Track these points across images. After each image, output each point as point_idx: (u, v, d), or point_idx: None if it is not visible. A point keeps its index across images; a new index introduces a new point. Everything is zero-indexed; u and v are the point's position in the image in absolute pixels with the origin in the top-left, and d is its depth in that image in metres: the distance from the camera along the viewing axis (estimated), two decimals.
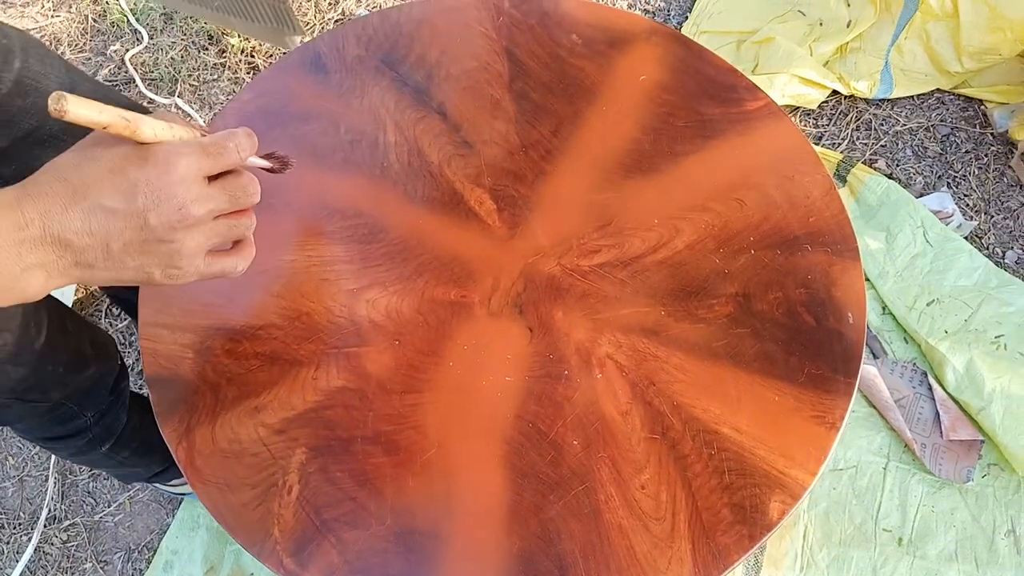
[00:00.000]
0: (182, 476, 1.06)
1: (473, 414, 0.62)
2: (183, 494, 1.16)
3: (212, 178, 0.49)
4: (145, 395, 1.02)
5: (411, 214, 0.70)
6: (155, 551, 1.15)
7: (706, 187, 0.71)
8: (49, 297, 0.71)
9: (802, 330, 0.65)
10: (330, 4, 1.64)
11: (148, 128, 0.46)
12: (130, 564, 1.16)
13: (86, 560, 1.24)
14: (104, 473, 1.26)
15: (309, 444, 0.60)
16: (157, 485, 1.15)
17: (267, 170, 0.56)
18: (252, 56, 1.57)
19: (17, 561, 1.25)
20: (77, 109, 0.42)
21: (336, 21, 1.62)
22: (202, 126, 0.55)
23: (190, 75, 1.57)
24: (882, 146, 1.42)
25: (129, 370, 1.06)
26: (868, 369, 1.23)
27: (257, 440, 0.60)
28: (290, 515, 0.58)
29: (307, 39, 1.35)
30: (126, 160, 0.46)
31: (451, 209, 0.71)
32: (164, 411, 0.61)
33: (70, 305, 1.28)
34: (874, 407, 1.22)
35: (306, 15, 1.62)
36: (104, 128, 0.44)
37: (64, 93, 0.42)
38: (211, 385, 0.62)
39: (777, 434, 0.61)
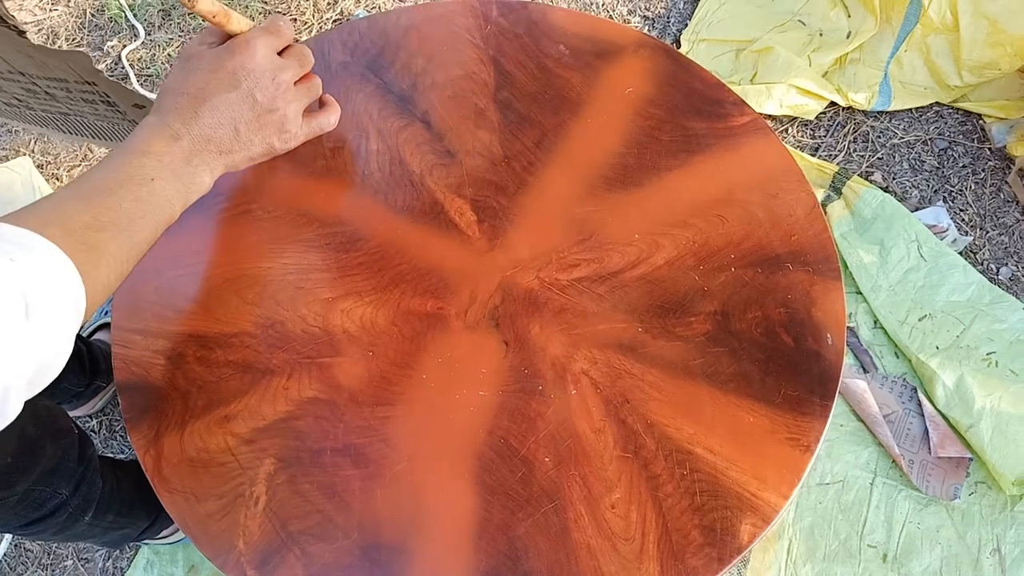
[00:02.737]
0: (171, 523, 1.04)
1: (445, 428, 0.61)
2: (178, 541, 1.12)
3: (279, 54, 0.61)
4: (114, 457, 1.00)
5: (390, 223, 0.70)
6: (137, 550, 1.15)
7: (689, 203, 0.71)
8: None
9: (780, 350, 0.64)
10: (329, 4, 1.64)
11: (235, 20, 0.59)
12: (111, 562, 1.16)
13: (67, 558, 1.24)
14: (94, 546, 1.24)
15: (278, 455, 0.60)
16: (147, 542, 1.13)
17: None
18: None
19: None
20: (204, 2, 0.55)
21: (335, 21, 1.62)
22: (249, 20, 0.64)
23: None
24: (879, 159, 1.42)
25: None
26: (858, 383, 1.22)
27: (226, 449, 0.60)
28: (256, 527, 0.57)
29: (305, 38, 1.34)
30: (218, 58, 0.57)
31: (431, 219, 0.70)
32: (133, 418, 0.61)
33: None
34: (862, 422, 1.21)
35: (304, 14, 1.62)
36: (213, 16, 0.57)
37: None
38: (181, 392, 0.62)
39: (751, 456, 0.60)
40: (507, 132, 0.74)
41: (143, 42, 1.59)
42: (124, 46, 1.59)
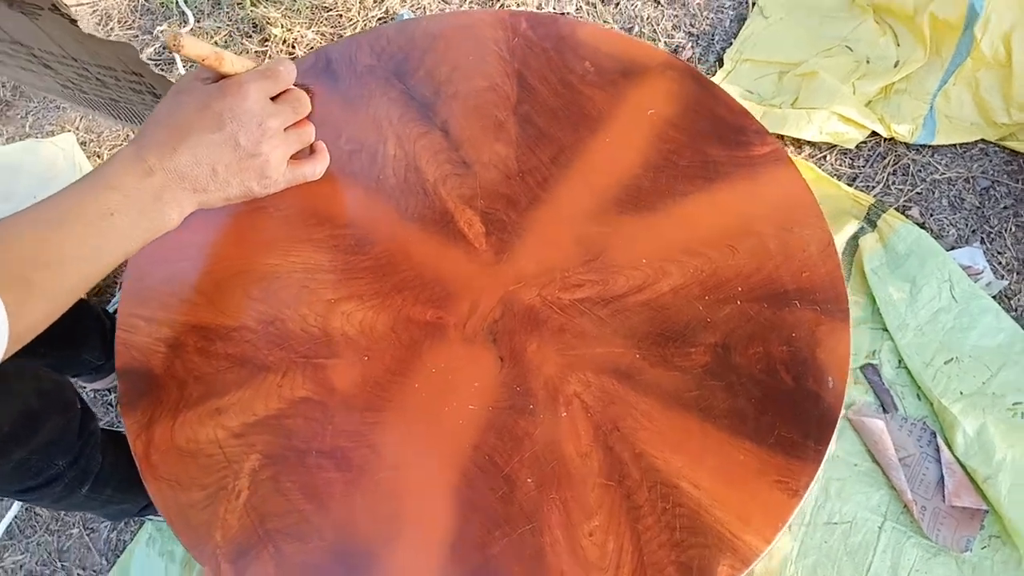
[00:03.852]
0: None
1: (431, 439, 0.61)
2: None
3: (273, 99, 0.60)
4: (119, 431, 1.02)
5: (400, 229, 0.70)
6: (141, 525, 1.18)
7: (700, 230, 0.70)
8: None
9: (779, 389, 0.63)
10: (375, 2, 1.65)
11: (228, 61, 0.58)
12: (115, 533, 1.19)
13: (74, 526, 1.28)
14: (94, 516, 1.27)
15: (264, 451, 0.61)
16: (150, 518, 1.16)
17: None
18: (293, 47, 1.59)
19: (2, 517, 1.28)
20: (191, 46, 0.54)
21: (379, 19, 1.63)
22: (253, 58, 0.62)
23: None
24: (917, 193, 1.38)
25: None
26: (876, 423, 1.19)
27: (214, 441, 0.61)
28: (235, 520, 0.58)
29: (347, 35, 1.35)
30: (208, 97, 0.57)
31: (440, 228, 0.70)
32: (129, 402, 0.62)
33: None
34: (877, 463, 1.18)
35: (350, 11, 1.64)
36: (203, 60, 0.56)
37: (180, 31, 0.50)
38: (178, 381, 0.63)
39: (737, 495, 0.59)
40: (524, 146, 0.74)
41: (191, 28, 1.63)
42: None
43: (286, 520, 0.58)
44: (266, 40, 1.61)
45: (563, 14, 1.64)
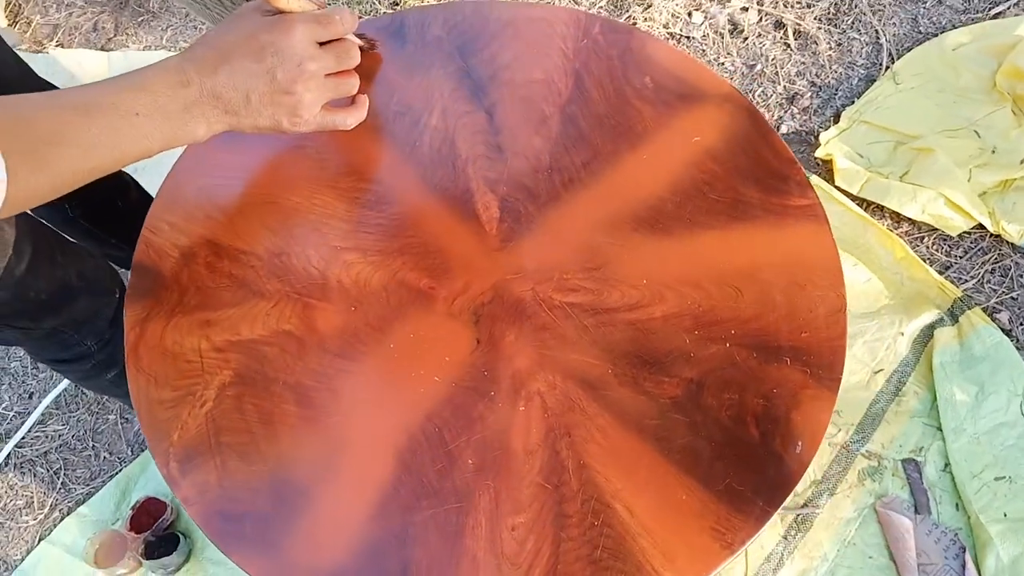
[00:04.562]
0: None
1: (390, 399, 0.63)
2: None
3: (322, 45, 0.62)
4: None
5: (419, 196, 0.72)
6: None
7: (709, 266, 0.69)
8: (46, 229, 0.79)
9: (742, 440, 0.62)
10: None
11: None
12: None
13: (112, 412, 1.37)
14: (117, 401, 1.37)
15: (237, 370, 0.64)
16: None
17: (360, 48, 0.67)
18: (395, 4, 1.64)
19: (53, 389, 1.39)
20: None
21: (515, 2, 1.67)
22: (321, 1, 0.65)
23: (360, 19, 1.66)
24: (1012, 298, 1.30)
25: None
26: (903, 521, 1.13)
27: (196, 350, 0.65)
28: (193, 426, 0.62)
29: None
30: (257, 28, 0.59)
31: (457, 204, 0.72)
32: (133, 295, 0.67)
33: None
34: (894, 561, 1.12)
35: None
36: None
37: None
38: (181, 287, 0.67)
39: (668, 531, 0.58)
40: (561, 145, 0.75)
41: None
42: None
43: (238, 438, 0.61)
44: (396, 4, 1.67)
45: (688, 38, 1.62)
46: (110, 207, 1.15)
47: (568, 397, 0.63)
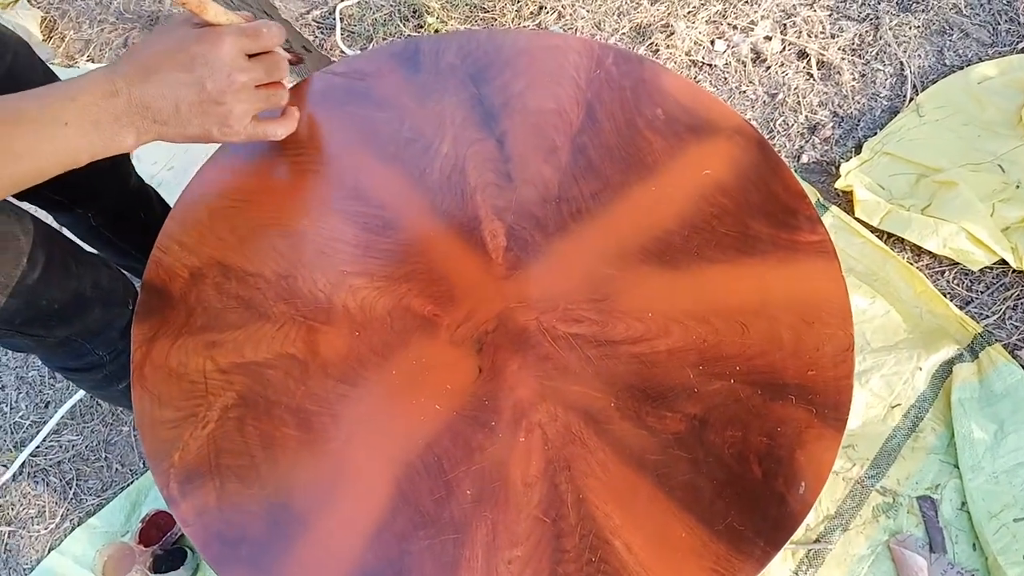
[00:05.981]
0: None
1: (389, 427, 0.63)
2: None
3: (251, 57, 0.63)
4: None
5: (427, 223, 0.73)
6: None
7: (716, 300, 0.68)
8: (62, 238, 0.80)
9: (744, 479, 0.61)
10: (532, 13, 1.69)
11: (211, 10, 0.61)
12: None
13: (126, 424, 1.39)
14: (129, 412, 1.38)
15: (241, 392, 0.64)
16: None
17: (289, 61, 0.69)
18: (420, 27, 1.66)
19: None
20: None
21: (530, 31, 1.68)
22: (248, 15, 0.67)
23: (384, 39, 1.68)
24: None
25: None
26: (917, 559, 1.11)
27: (201, 371, 0.65)
28: (194, 447, 0.62)
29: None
30: (186, 40, 0.60)
31: (465, 232, 0.72)
32: (141, 314, 0.68)
33: None
34: None
35: (504, 15, 1.69)
36: (186, 3, 0.59)
37: None
38: (188, 308, 0.68)
39: (666, 570, 0.57)
40: (570, 175, 0.75)
41: (358, 1, 1.73)
42: (341, 0, 1.74)
43: (238, 460, 0.62)
44: (420, 27, 1.69)
45: (710, 66, 1.62)
46: (133, 219, 1.17)
47: (569, 429, 0.63)
